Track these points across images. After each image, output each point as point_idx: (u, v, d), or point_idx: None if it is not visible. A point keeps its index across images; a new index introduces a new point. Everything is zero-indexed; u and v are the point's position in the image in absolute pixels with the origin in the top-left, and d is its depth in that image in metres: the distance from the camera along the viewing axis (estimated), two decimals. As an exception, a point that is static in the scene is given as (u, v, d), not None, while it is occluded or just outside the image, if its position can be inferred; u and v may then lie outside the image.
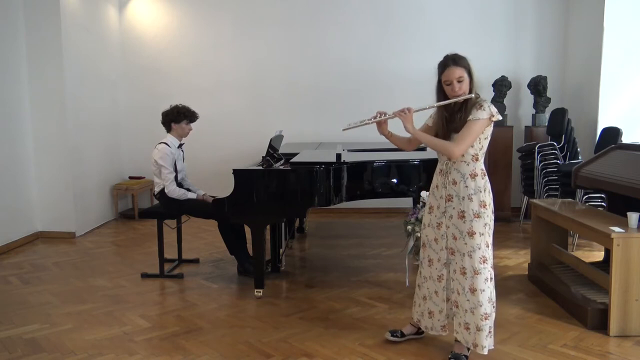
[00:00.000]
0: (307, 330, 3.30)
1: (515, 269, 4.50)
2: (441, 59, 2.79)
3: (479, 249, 2.74)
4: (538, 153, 5.60)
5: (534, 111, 6.36)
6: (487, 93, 6.39)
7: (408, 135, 2.88)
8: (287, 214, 4.33)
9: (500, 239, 5.49)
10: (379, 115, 2.85)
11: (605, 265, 3.59)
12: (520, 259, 4.76)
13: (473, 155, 2.75)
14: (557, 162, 5.46)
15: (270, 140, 4.07)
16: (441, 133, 2.81)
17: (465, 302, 2.78)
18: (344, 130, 2.95)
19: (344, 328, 3.32)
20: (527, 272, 4.28)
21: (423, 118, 3.01)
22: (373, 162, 4.02)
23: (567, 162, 5.41)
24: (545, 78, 6.21)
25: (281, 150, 4.56)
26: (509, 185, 6.29)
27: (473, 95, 2.72)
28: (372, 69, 6.65)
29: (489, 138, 2.79)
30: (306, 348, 3.05)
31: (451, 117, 2.78)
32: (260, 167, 3.83)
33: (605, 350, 3.00)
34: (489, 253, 2.77)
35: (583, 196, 4.97)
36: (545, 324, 3.36)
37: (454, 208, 2.79)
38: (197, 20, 6.79)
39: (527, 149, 5.89)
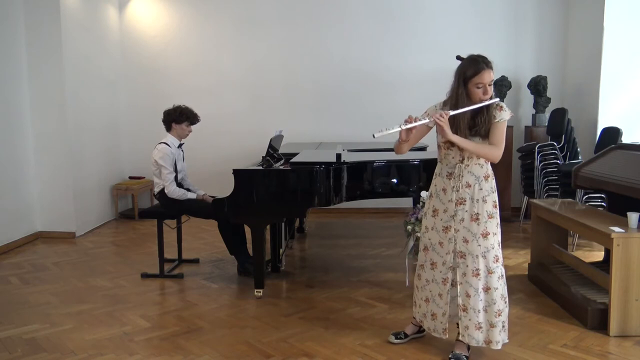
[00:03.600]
0: (307, 330, 3.30)
1: (515, 269, 4.50)
2: (465, 60, 2.70)
3: (493, 248, 2.75)
4: (538, 153, 5.60)
5: (534, 111, 6.36)
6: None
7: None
8: (287, 214, 4.32)
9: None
10: (411, 120, 2.67)
11: (605, 265, 3.59)
12: (520, 259, 4.76)
13: None
14: (557, 162, 5.46)
15: (270, 140, 4.07)
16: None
17: (478, 302, 2.77)
18: (375, 136, 2.65)
19: (344, 328, 3.32)
20: (527, 272, 4.28)
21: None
22: (373, 162, 4.03)
23: (567, 162, 5.41)
24: (545, 78, 6.21)
25: (281, 150, 4.56)
26: (509, 185, 6.28)
27: (498, 99, 2.74)
28: (372, 69, 6.65)
29: None
30: (306, 348, 3.05)
31: (473, 121, 2.74)
32: (260, 167, 3.83)
33: (605, 350, 3.00)
34: (500, 252, 2.78)
35: (583, 196, 4.97)
36: (545, 324, 3.36)
37: (466, 211, 2.77)
38: (197, 20, 6.79)
39: (527, 149, 5.89)
